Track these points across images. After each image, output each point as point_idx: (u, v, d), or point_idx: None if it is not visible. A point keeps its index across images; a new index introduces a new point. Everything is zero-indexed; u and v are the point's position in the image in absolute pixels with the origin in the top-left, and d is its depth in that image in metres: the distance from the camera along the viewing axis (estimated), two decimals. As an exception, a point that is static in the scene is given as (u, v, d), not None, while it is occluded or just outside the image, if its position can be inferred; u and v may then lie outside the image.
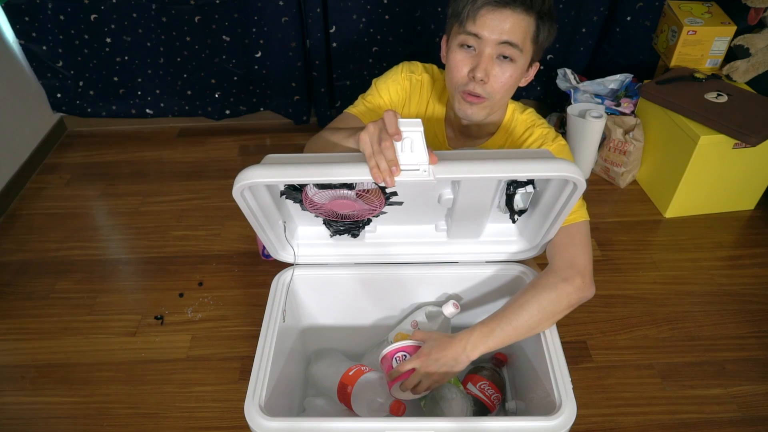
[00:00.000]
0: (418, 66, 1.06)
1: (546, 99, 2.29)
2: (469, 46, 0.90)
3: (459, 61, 0.91)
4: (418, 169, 0.73)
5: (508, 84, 0.91)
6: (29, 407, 1.34)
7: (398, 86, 1.05)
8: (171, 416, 1.32)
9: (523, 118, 1.03)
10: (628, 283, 1.62)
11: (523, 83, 0.96)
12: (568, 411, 0.80)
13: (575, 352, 1.43)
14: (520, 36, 0.87)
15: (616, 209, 1.90)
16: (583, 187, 0.77)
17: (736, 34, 1.84)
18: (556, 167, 0.75)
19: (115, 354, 1.46)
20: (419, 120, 0.72)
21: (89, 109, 2.24)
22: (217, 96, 2.23)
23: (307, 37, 2.05)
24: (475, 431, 0.79)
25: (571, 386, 0.85)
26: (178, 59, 2.12)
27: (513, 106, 1.04)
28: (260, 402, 0.82)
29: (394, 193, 0.88)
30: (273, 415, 0.80)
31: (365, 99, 1.06)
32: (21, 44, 2.04)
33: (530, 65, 0.94)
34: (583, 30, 2.07)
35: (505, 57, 0.89)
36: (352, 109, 1.05)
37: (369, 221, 0.98)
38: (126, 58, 2.11)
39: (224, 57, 2.11)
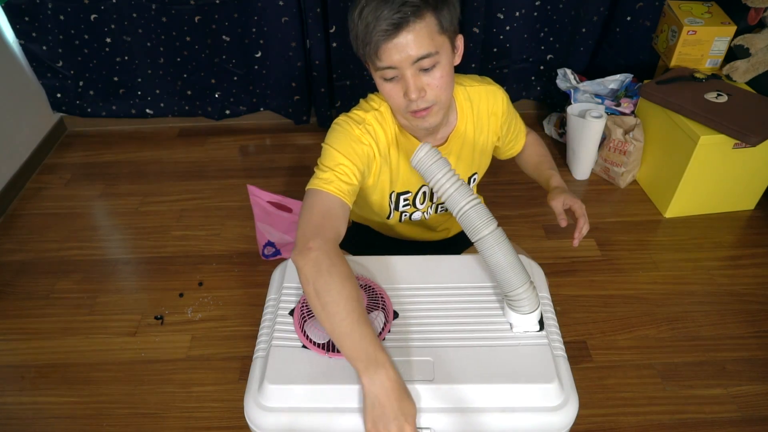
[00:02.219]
0: (357, 115, 0.99)
1: (546, 99, 2.29)
2: (390, 78, 0.89)
3: (390, 91, 0.90)
4: None
5: (443, 83, 0.90)
6: (29, 407, 1.34)
7: (364, 147, 0.96)
8: (171, 416, 1.32)
9: (468, 83, 1.06)
10: (628, 283, 1.62)
11: (456, 61, 0.95)
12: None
13: (575, 352, 1.43)
14: (427, 42, 0.85)
15: (616, 209, 1.90)
16: None
17: (736, 34, 1.84)
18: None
19: (115, 354, 1.46)
20: None
21: (89, 109, 2.24)
22: (217, 96, 2.23)
23: (307, 37, 2.05)
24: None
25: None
26: (178, 59, 2.12)
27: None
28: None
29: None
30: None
31: (336, 171, 0.92)
32: (21, 44, 2.04)
33: (453, 47, 0.92)
34: (583, 30, 2.07)
35: (425, 69, 0.88)
36: (326, 186, 0.91)
37: None
38: (126, 58, 2.11)
39: (224, 57, 2.11)
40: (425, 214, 1.16)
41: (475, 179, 1.15)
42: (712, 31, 1.85)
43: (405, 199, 1.11)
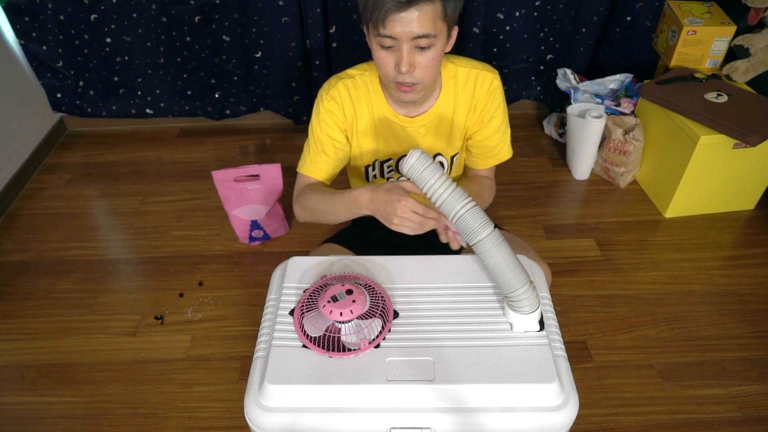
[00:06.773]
0: (331, 82, 1.12)
1: (546, 99, 2.29)
2: (387, 47, 0.96)
3: (383, 59, 0.98)
4: None
5: (432, 65, 0.98)
6: (29, 407, 1.34)
7: (329, 115, 1.10)
8: (171, 416, 1.32)
9: (461, 64, 1.10)
10: (628, 283, 1.62)
11: (447, 49, 1.02)
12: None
13: (575, 352, 1.43)
14: (430, 24, 0.92)
15: (616, 209, 1.90)
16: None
17: (736, 34, 1.84)
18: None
19: (115, 354, 1.46)
20: None
21: (89, 109, 2.24)
22: (217, 96, 2.23)
23: (307, 37, 2.05)
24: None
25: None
26: (178, 59, 2.12)
27: (443, 60, 1.10)
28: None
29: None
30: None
31: (314, 145, 1.13)
32: (21, 44, 2.04)
33: (449, 35, 0.99)
34: (583, 30, 2.07)
35: (421, 47, 0.95)
36: (302, 169, 1.15)
37: None
38: (126, 58, 2.11)
39: (224, 57, 2.11)
40: None
41: (455, 159, 1.19)
42: (712, 31, 1.85)
43: (389, 166, 1.19)
